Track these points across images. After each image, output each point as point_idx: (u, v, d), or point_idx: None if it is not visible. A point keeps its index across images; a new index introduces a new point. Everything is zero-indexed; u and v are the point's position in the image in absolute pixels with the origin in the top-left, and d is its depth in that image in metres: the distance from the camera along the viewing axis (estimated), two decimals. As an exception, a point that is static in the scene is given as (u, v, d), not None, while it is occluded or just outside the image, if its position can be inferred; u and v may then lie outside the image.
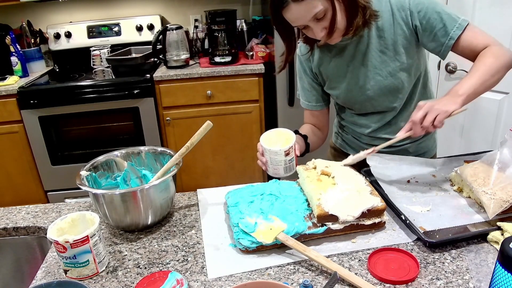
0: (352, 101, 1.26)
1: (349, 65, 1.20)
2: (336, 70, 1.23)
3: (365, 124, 1.30)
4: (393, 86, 1.19)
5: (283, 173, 1.11)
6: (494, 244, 0.90)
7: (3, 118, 2.45)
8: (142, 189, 0.98)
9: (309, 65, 1.29)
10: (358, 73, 1.20)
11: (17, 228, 1.09)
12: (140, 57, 2.60)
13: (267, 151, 1.09)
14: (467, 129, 2.34)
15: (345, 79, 1.22)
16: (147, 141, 2.57)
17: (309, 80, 1.31)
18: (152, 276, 0.85)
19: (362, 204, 0.95)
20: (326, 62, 1.24)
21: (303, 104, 1.37)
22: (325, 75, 1.26)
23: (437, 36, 1.12)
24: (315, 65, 1.26)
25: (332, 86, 1.27)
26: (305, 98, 1.35)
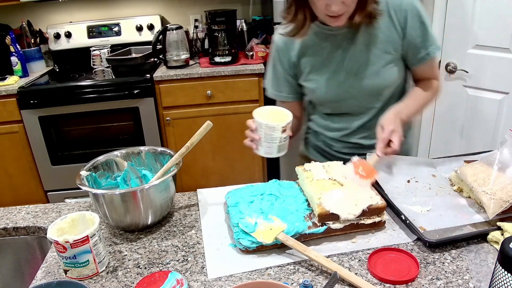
0: (330, 97, 1.21)
1: (332, 58, 1.17)
2: (317, 61, 1.19)
3: (339, 127, 1.26)
4: (376, 85, 1.18)
5: (276, 152, 1.06)
6: (494, 244, 0.90)
7: (3, 118, 2.45)
8: (142, 189, 0.98)
9: (287, 54, 1.23)
10: (341, 67, 1.17)
11: (17, 228, 1.09)
12: (140, 57, 2.60)
13: (263, 126, 1.02)
14: (467, 129, 2.34)
15: (326, 72, 1.19)
16: (147, 141, 2.57)
17: (283, 71, 1.26)
18: (152, 276, 0.85)
19: (363, 202, 0.95)
20: (308, 52, 1.20)
21: (272, 94, 1.31)
22: (305, 66, 1.22)
23: (416, 47, 1.17)
24: (296, 55, 1.21)
25: (311, 78, 1.22)
26: (276, 88, 1.29)
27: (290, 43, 1.21)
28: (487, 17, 2.08)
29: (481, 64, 2.17)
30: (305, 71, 1.22)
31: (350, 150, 1.28)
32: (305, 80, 1.24)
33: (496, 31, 2.06)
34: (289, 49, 1.22)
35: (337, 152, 1.32)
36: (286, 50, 1.22)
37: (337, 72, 1.18)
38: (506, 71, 2.07)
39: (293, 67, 1.24)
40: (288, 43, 1.21)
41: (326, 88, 1.20)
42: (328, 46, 1.17)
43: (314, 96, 1.26)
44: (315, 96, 1.25)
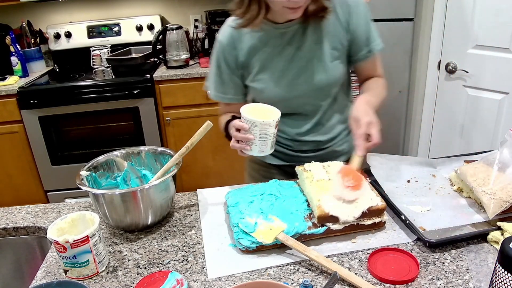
0: (279, 96, 1.18)
1: (281, 56, 1.16)
2: (266, 60, 1.16)
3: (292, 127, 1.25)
4: (325, 82, 1.17)
5: (269, 149, 1.04)
6: (494, 244, 0.90)
7: (3, 118, 2.45)
8: (142, 189, 0.98)
9: (234, 54, 1.18)
10: (290, 65, 1.16)
11: (17, 228, 1.09)
12: (140, 57, 2.60)
13: (258, 124, 0.99)
14: (467, 129, 2.34)
15: (275, 71, 1.17)
16: (147, 141, 2.57)
17: (229, 72, 1.20)
18: (152, 276, 0.85)
19: (362, 204, 0.95)
20: (257, 52, 1.16)
21: (216, 96, 1.25)
22: (253, 66, 1.18)
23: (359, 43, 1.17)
24: (244, 54, 1.17)
25: (259, 78, 1.18)
26: (221, 90, 1.24)
27: (238, 43, 1.17)
28: (487, 17, 2.08)
29: (481, 64, 2.17)
30: (253, 71, 1.19)
31: (309, 147, 1.28)
32: (253, 80, 1.20)
33: (496, 31, 2.06)
34: (236, 49, 1.18)
35: (296, 151, 1.30)
36: (233, 50, 1.18)
37: (287, 70, 1.17)
38: (506, 71, 2.07)
39: (241, 67, 1.20)
40: (235, 42, 1.17)
41: (275, 87, 1.18)
42: (277, 44, 1.15)
43: (262, 97, 1.20)
44: (263, 96, 1.20)
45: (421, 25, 2.46)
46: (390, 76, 2.45)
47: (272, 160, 1.32)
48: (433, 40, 2.39)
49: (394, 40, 2.39)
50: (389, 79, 2.50)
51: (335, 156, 1.30)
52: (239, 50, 1.18)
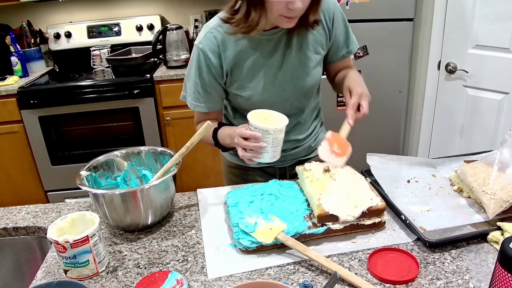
0: (264, 103, 1.16)
1: (267, 63, 1.15)
2: (252, 68, 1.15)
3: None
4: (309, 86, 1.21)
5: (278, 154, 1.03)
6: (494, 244, 0.90)
7: (3, 118, 2.45)
8: (142, 189, 0.98)
9: (217, 62, 1.14)
10: (276, 72, 1.17)
11: (17, 228, 1.09)
12: (140, 57, 2.60)
13: (271, 132, 0.98)
14: (467, 129, 2.34)
15: (262, 78, 1.16)
16: (147, 141, 2.57)
17: (213, 81, 1.17)
18: (152, 276, 0.85)
19: (362, 203, 0.95)
20: (243, 60, 1.14)
21: (195, 107, 1.21)
22: (238, 74, 1.16)
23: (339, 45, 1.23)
24: (229, 62, 1.14)
25: (245, 86, 1.17)
26: (201, 100, 1.20)
27: (222, 51, 1.13)
28: (487, 17, 2.08)
29: (481, 64, 2.17)
30: (239, 79, 1.16)
31: (288, 146, 1.28)
32: (239, 88, 1.18)
33: (496, 31, 2.06)
34: (220, 58, 1.14)
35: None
36: (217, 58, 1.14)
37: (275, 77, 1.17)
38: (506, 71, 2.07)
39: (226, 75, 1.16)
40: (219, 50, 1.13)
41: (263, 94, 1.17)
42: (264, 52, 1.15)
43: (247, 103, 1.19)
44: (248, 102, 1.18)
45: (421, 25, 2.46)
46: (390, 76, 2.47)
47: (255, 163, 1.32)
48: (433, 40, 2.39)
49: (394, 40, 2.39)
50: (389, 79, 2.53)
51: (310, 152, 1.36)
52: (223, 59, 1.14)
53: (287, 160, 1.33)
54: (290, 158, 1.33)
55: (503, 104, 2.13)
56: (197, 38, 1.17)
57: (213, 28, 1.14)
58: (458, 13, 2.22)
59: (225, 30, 1.12)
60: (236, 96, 1.20)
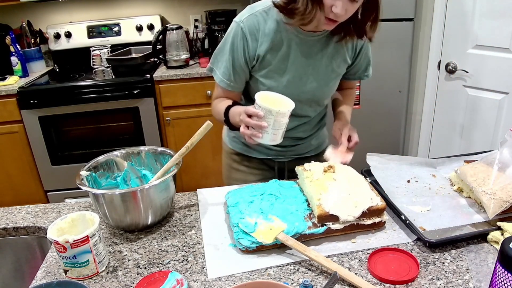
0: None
1: (297, 62, 1.17)
2: (283, 61, 1.17)
3: None
4: (324, 95, 1.27)
5: (279, 138, 1.04)
6: (494, 244, 0.90)
7: (3, 118, 2.45)
8: (142, 189, 0.98)
9: (254, 45, 1.16)
10: (303, 73, 1.19)
11: (17, 228, 1.09)
12: (140, 57, 2.60)
13: (274, 113, 0.99)
14: (467, 129, 2.34)
15: (288, 74, 1.18)
16: (147, 141, 2.57)
17: (243, 61, 1.17)
18: (152, 276, 0.85)
19: (362, 203, 0.95)
20: (277, 50, 1.16)
21: (221, 82, 1.21)
22: (269, 63, 1.17)
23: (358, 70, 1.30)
24: (263, 49, 1.15)
25: (271, 76, 1.19)
26: (228, 77, 1.20)
27: (262, 35, 1.15)
28: (487, 17, 2.08)
29: (481, 64, 2.17)
30: (267, 67, 1.18)
31: (289, 142, 1.32)
32: (265, 76, 1.19)
33: (496, 31, 2.06)
34: (257, 40, 1.15)
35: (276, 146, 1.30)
36: (254, 40, 1.15)
37: (299, 76, 1.19)
38: (506, 71, 2.07)
39: (256, 59, 1.18)
40: (258, 33, 1.15)
41: (283, 89, 1.18)
42: (297, 49, 1.17)
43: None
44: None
45: (421, 25, 2.46)
46: (390, 76, 2.47)
47: (254, 153, 1.36)
48: (433, 40, 2.39)
49: (394, 40, 2.39)
50: (389, 79, 2.53)
51: (310, 150, 1.39)
52: (259, 44, 1.15)
53: (286, 156, 1.35)
54: (290, 154, 1.35)
55: (503, 104, 2.13)
56: (238, 15, 1.17)
57: (258, 12, 1.15)
58: (458, 13, 2.22)
59: (272, 16, 1.14)
60: (259, 82, 1.21)
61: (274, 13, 1.14)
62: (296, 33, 1.15)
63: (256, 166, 1.38)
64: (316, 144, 1.39)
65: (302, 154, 1.37)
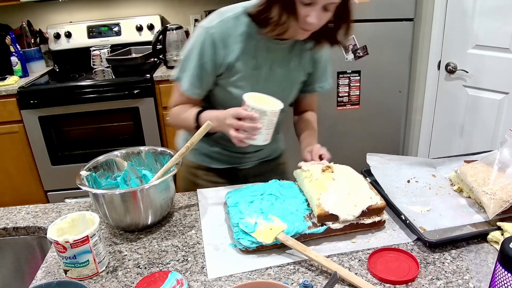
0: None
1: (265, 70, 1.17)
2: (252, 70, 1.16)
3: None
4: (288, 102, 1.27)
5: (270, 137, 1.05)
6: (494, 244, 0.90)
7: (3, 118, 2.45)
8: (142, 189, 0.98)
9: (222, 52, 1.12)
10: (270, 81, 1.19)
11: (17, 228, 1.09)
12: (140, 57, 2.60)
13: (268, 113, 0.99)
14: (467, 129, 2.34)
15: (256, 82, 1.17)
16: (147, 141, 2.57)
17: (212, 69, 1.14)
18: (152, 276, 0.85)
19: (362, 202, 0.95)
20: (246, 58, 1.14)
21: (188, 91, 1.16)
22: (238, 71, 1.15)
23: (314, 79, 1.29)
24: (234, 57, 1.13)
25: (239, 85, 1.16)
26: (196, 85, 1.16)
27: (232, 42, 1.12)
28: (487, 17, 2.08)
29: (481, 64, 2.17)
30: (235, 76, 1.15)
31: (251, 148, 1.31)
32: (232, 84, 1.17)
33: (496, 31, 2.06)
34: (227, 48, 1.12)
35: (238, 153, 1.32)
36: (224, 48, 1.12)
37: (266, 84, 1.19)
38: (506, 71, 2.07)
39: (225, 67, 1.14)
40: (228, 40, 1.12)
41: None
42: (266, 57, 1.16)
43: (232, 102, 1.16)
44: (234, 101, 1.14)
45: (421, 25, 2.46)
46: (390, 76, 2.47)
47: (216, 164, 1.34)
48: (433, 40, 2.39)
49: (394, 40, 2.39)
50: (389, 79, 2.53)
51: (270, 154, 1.39)
52: (229, 51, 1.12)
53: (248, 162, 1.35)
54: (252, 159, 1.36)
55: (503, 104, 2.13)
56: (206, 21, 1.13)
57: (229, 18, 1.12)
58: (458, 13, 2.22)
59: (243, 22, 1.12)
60: (225, 91, 1.18)
61: (244, 20, 1.12)
62: (265, 41, 1.13)
63: (219, 177, 1.35)
64: (275, 146, 1.40)
65: (263, 158, 1.38)
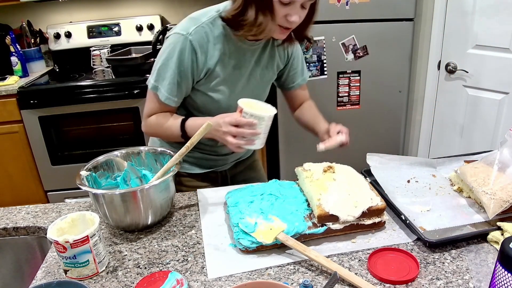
0: (228, 108, 1.16)
1: (243, 72, 1.19)
2: (231, 73, 1.17)
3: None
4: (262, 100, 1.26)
5: (265, 141, 1.08)
6: (494, 244, 0.90)
7: (3, 118, 2.45)
8: (142, 189, 0.98)
9: (201, 58, 1.11)
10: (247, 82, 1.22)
11: (17, 228, 1.09)
12: (140, 57, 2.59)
13: (266, 119, 1.02)
14: (467, 129, 2.34)
15: (234, 85, 1.19)
16: (147, 141, 2.56)
17: (190, 75, 1.13)
18: (152, 276, 0.85)
19: (362, 203, 0.95)
20: (225, 62, 1.15)
21: (167, 99, 1.14)
22: (217, 76, 1.15)
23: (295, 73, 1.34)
24: (213, 62, 1.13)
25: (218, 89, 1.17)
26: (174, 93, 1.14)
27: (211, 48, 1.12)
28: (487, 17, 2.08)
29: (481, 64, 2.17)
30: (215, 80, 1.16)
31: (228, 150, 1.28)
32: (212, 89, 1.17)
33: (496, 31, 2.06)
34: (206, 53, 1.12)
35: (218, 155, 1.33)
36: (203, 53, 1.11)
37: (243, 86, 1.21)
38: (506, 71, 2.07)
39: (205, 72, 1.14)
40: (207, 46, 1.11)
41: (231, 101, 1.17)
42: (242, 59, 1.18)
43: (212, 106, 1.18)
44: (214, 105, 1.18)
45: (421, 25, 2.46)
46: (390, 76, 2.47)
47: (196, 169, 1.34)
48: (433, 40, 2.39)
49: (394, 40, 2.39)
50: (389, 79, 2.53)
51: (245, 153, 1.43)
52: (209, 57, 1.12)
53: (226, 164, 1.38)
54: (230, 160, 1.38)
55: (503, 104, 2.13)
56: (181, 27, 1.11)
57: (205, 23, 1.11)
58: (458, 13, 2.22)
59: (218, 27, 1.12)
60: (204, 95, 1.18)
61: (219, 24, 1.12)
62: (240, 43, 1.15)
63: (201, 181, 1.35)
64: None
65: (239, 158, 1.41)
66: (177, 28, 1.12)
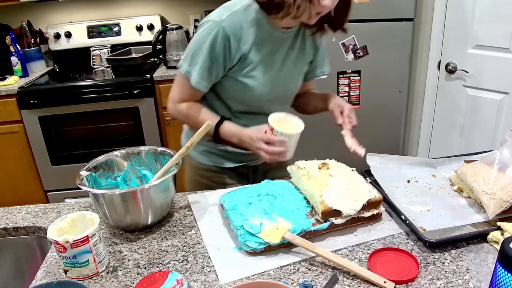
0: (261, 97, 1.19)
1: (277, 60, 1.19)
2: (265, 59, 1.16)
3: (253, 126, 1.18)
4: (294, 91, 1.30)
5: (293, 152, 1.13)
6: (494, 244, 0.90)
7: (3, 118, 2.45)
8: (142, 189, 0.98)
9: (236, 45, 1.12)
10: (281, 70, 1.20)
11: (17, 228, 1.09)
12: (140, 57, 2.60)
13: (295, 135, 1.10)
14: (467, 129, 2.34)
15: (268, 72, 1.18)
16: (147, 141, 2.57)
17: (223, 61, 1.13)
18: (152, 276, 0.85)
19: (362, 196, 0.97)
20: (260, 48, 1.15)
21: (198, 84, 1.15)
22: (251, 61, 1.15)
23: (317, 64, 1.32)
24: (247, 48, 1.13)
25: (252, 75, 1.16)
26: (206, 77, 1.15)
27: (245, 34, 1.12)
28: (487, 17, 2.08)
29: (481, 64, 2.17)
30: (249, 66, 1.15)
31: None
32: (246, 75, 1.16)
33: (496, 31, 2.06)
34: (240, 39, 1.12)
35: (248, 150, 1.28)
36: (237, 41, 1.11)
37: (277, 74, 1.20)
38: (506, 71, 2.07)
39: (237, 60, 1.14)
40: (241, 33, 1.11)
41: (264, 88, 1.18)
42: (275, 47, 1.18)
43: (246, 93, 1.18)
44: (249, 93, 1.18)
45: (421, 25, 2.46)
46: (390, 76, 2.47)
47: (228, 163, 1.33)
48: (433, 40, 2.39)
49: (394, 40, 2.39)
50: (389, 79, 2.53)
51: None
52: (242, 43, 1.12)
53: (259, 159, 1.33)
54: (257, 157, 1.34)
55: (503, 104, 2.13)
56: (215, 15, 1.12)
57: (238, 10, 1.12)
58: (458, 13, 2.22)
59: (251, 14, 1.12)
60: (238, 83, 1.17)
61: (253, 11, 1.13)
62: (273, 30, 1.15)
63: (229, 178, 1.35)
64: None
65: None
66: (210, 16, 1.13)
